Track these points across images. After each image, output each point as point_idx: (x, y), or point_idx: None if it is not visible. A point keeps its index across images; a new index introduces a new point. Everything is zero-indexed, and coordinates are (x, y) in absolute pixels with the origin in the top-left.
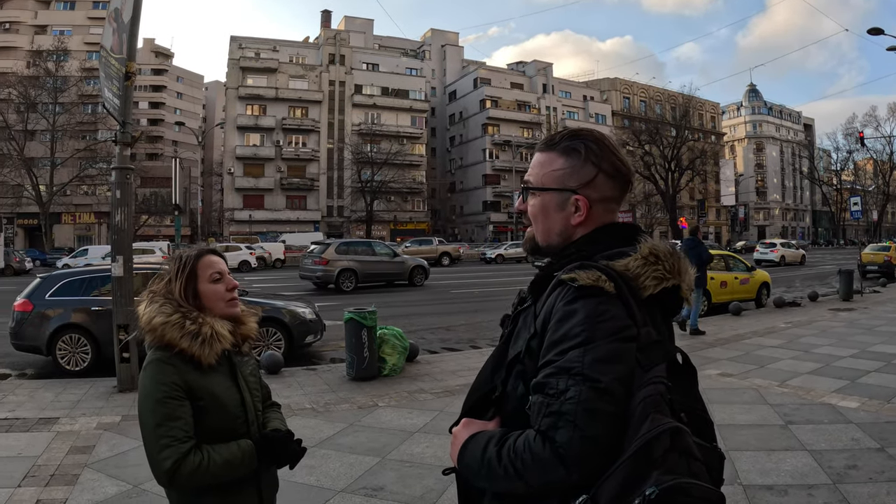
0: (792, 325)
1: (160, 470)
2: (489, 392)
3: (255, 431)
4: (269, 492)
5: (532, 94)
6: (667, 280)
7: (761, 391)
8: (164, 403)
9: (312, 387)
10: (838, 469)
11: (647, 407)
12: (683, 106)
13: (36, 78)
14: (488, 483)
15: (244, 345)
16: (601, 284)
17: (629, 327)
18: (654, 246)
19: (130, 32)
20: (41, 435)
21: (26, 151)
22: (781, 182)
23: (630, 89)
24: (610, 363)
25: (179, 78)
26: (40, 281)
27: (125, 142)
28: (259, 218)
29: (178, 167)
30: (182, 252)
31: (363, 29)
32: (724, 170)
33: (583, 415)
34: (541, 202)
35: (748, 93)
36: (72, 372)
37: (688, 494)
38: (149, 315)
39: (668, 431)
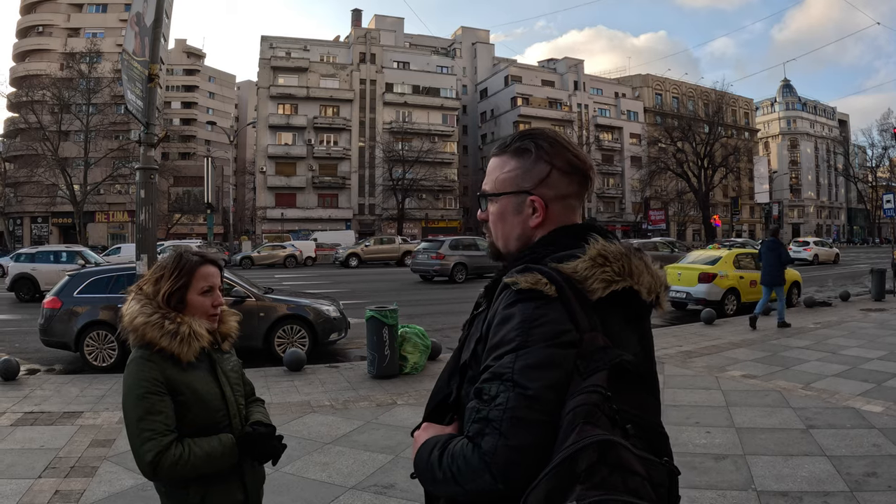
0: (821, 325)
1: (143, 462)
2: (446, 397)
3: (238, 425)
4: (253, 484)
5: (563, 91)
6: (616, 283)
7: (784, 394)
8: (146, 398)
9: (333, 384)
10: (857, 476)
11: (577, 417)
12: (716, 102)
13: (69, 80)
14: (433, 487)
15: (224, 343)
16: (540, 287)
17: (567, 332)
18: (604, 247)
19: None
20: (64, 428)
21: (60, 151)
22: (816, 179)
23: (662, 85)
24: (541, 369)
25: (211, 78)
26: (69, 279)
27: (149, 142)
28: (291, 216)
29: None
30: (185, 254)
31: (393, 27)
32: (758, 167)
33: (508, 422)
34: (498, 208)
35: (782, 88)
36: (99, 368)
37: None
38: (131, 315)
39: (595, 444)
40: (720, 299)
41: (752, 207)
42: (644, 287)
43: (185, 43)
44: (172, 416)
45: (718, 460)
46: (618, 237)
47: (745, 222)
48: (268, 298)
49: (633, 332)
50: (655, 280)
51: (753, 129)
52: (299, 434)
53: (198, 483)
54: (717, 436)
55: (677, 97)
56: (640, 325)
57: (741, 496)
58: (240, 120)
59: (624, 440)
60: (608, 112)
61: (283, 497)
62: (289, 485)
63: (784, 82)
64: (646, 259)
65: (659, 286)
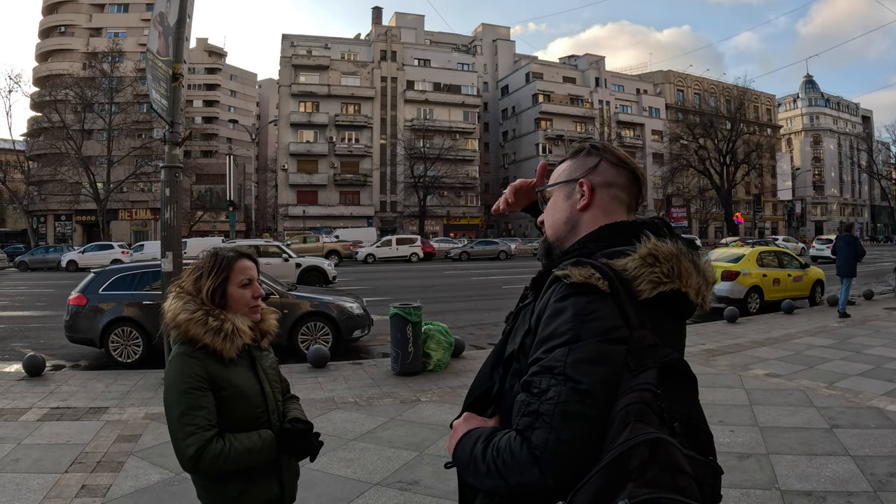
0: (844, 324)
1: (184, 456)
2: (488, 389)
3: (276, 421)
4: (289, 479)
5: (584, 88)
6: (664, 284)
7: (808, 393)
8: (189, 394)
9: (357, 381)
10: (880, 476)
11: (629, 415)
12: (738, 98)
13: (92, 79)
14: (475, 479)
15: (263, 340)
16: (593, 282)
17: (619, 328)
18: (655, 246)
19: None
20: (90, 423)
21: (84, 150)
22: (839, 176)
23: (684, 82)
24: (594, 364)
25: (233, 76)
26: (94, 276)
27: (174, 141)
28: (313, 213)
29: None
30: (220, 251)
31: (414, 25)
32: (781, 163)
33: (560, 416)
34: (552, 200)
35: (804, 84)
36: (123, 364)
37: None
38: (174, 311)
39: (647, 443)
40: (743, 297)
41: (774, 205)
42: (692, 289)
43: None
44: (214, 412)
45: (742, 459)
46: (676, 234)
47: (768, 219)
48: (291, 295)
49: (678, 332)
50: (705, 281)
51: (776, 126)
52: (324, 430)
53: (237, 478)
54: (740, 435)
55: (699, 93)
56: (683, 324)
57: (765, 495)
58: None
59: (672, 439)
60: (630, 109)
61: (309, 493)
62: (314, 480)
63: (806, 78)
64: (696, 259)
65: (707, 287)
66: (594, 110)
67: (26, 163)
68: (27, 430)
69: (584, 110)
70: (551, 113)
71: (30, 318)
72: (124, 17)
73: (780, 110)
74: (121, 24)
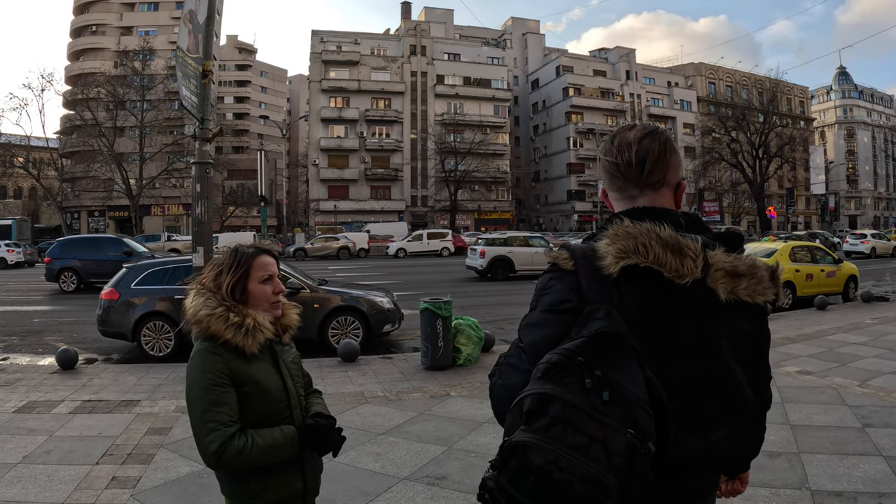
0: (878, 321)
1: (207, 452)
2: None
3: (298, 416)
4: (312, 473)
5: (615, 80)
6: (624, 258)
7: (840, 391)
8: (211, 390)
9: (387, 375)
10: None
11: (537, 372)
12: (771, 90)
13: (123, 77)
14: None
15: (285, 335)
16: (559, 262)
17: (566, 301)
18: (627, 226)
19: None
20: (122, 416)
21: (116, 147)
22: (873, 169)
23: (715, 74)
24: (535, 328)
25: (263, 73)
26: (126, 271)
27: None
28: (344, 208)
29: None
30: (240, 247)
31: (443, 19)
32: (814, 157)
33: (504, 366)
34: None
35: (837, 76)
36: (155, 357)
37: (540, 455)
38: (195, 308)
39: (534, 396)
40: None
41: (807, 199)
42: (668, 269)
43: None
44: (236, 408)
45: (772, 458)
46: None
47: (801, 214)
48: (322, 290)
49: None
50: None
51: (809, 118)
52: (353, 424)
53: (259, 473)
54: (771, 433)
55: (731, 86)
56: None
57: (795, 495)
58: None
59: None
60: (661, 102)
61: (337, 486)
62: (342, 474)
63: (840, 70)
64: (677, 241)
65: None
66: (625, 104)
67: (60, 160)
68: (59, 423)
69: (615, 104)
70: (582, 106)
71: (63, 313)
72: (154, 16)
73: (812, 102)
74: (151, 23)
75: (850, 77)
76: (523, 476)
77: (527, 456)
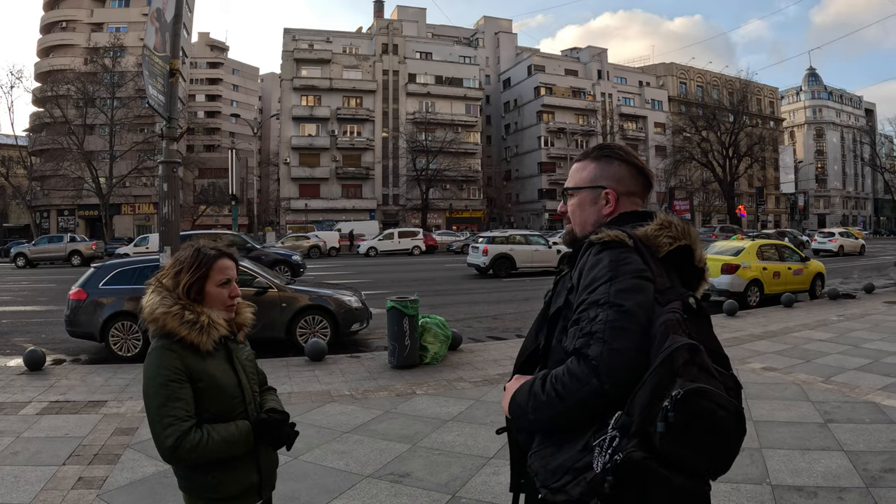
0: (844, 318)
1: (163, 447)
2: (535, 350)
3: (253, 411)
4: (268, 468)
5: (587, 80)
6: (679, 240)
7: (804, 387)
8: (167, 386)
9: (354, 374)
10: (874, 472)
11: (668, 329)
12: (741, 91)
13: (94, 74)
14: (535, 415)
15: (239, 333)
16: (622, 238)
17: (646, 270)
18: (668, 217)
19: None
20: (89, 417)
21: (86, 145)
22: (842, 169)
23: (686, 74)
24: (631, 292)
25: (235, 70)
26: (94, 270)
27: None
28: (315, 207)
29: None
30: (203, 248)
31: (416, 18)
32: (784, 156)
33: (610, 331)
34: (578, 200)
35: (807, 77)
36: (123, 357)
37: (708, 398)
38: (152, 306)
39: (686, 346)
40: (743, 290)
41: (777, 197)
42: (698, 251)
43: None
44: (192, 403)
45: None
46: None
47: (771, 212)
48: (290, 289)
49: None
50: (703, 252)
51: (779, 119)
52: (318, 423)
53: (215, 467)
54: None
55: (702, 86)
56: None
57: (755, 490)
58: (263, 112)
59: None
60: (632, 101)
61: (301, 484)
62: (307, 472)
63: (809, 71)
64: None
65: (704, 256)
66: (596, 103)
67: (29, 158)
68: (26, 424)
69: (587, 103)
70: (553, 106)
71: (32, 314)
72: (125, 12)
73: (783, 103)
74: (122, 19)
75: (820, 78)
76: (693, 423)
77: (698, 402)
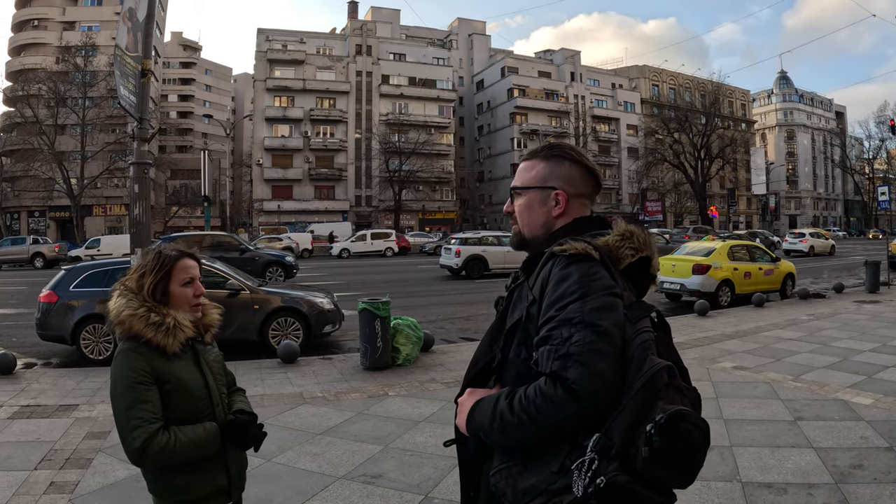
0: (814, 317)
1: (130, 449)
2: (489, 362)
3: (221, 413)
4: (236, 470)
5: (560, 82)
6: (641, 251)
7: (774, 385)
8: (134, 388)
9: (326, 375)
10: (842, 468)
11: (645, 350)
12: (713, 93)
13: (65, 73)
14: (501, 436)
15: (207, 334)
16: (589, 252)
17: (615, 286)
18: (628, 226)
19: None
20: (60, 421)
21: (57, 146)
22: (813, 171)
23: (659, 76)
24: (605, 311)
25: (208, 71)
26: (65, 273)
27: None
28: (288, 208)
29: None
30: (163, 249)
31: (390, 19)
32: (755, 158)
33: (589, 354)
34: (526, 200)
35: (779, 80)
36: (95, 361)
37: (687, 420)
38: (117, 309)
39: (665, 368)
40: (714, 291)
41: (748, 199)
42: (655, 260)
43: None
44: (159, 405)
45: None
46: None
47: (743, 213)
48: (262, 291)
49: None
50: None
51: (750, 121)
52: (291, 425)
53: (183, 469)
54: None
55: (674, 88)
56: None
57: (726, 487)
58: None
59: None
60: (605, 103)
61: (274, 486)
62: (280, 474)
63: (780, 74)
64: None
65: (658, 263)
66: (569, 105)
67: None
68: None
69: (560, 105)
70: (526, 108)
71: (2, 317)
72: (98, 11)
73: (754, 105)
74: (94, 18)
75: (791, 81)
76: (674, 445)
77: (679, 424)
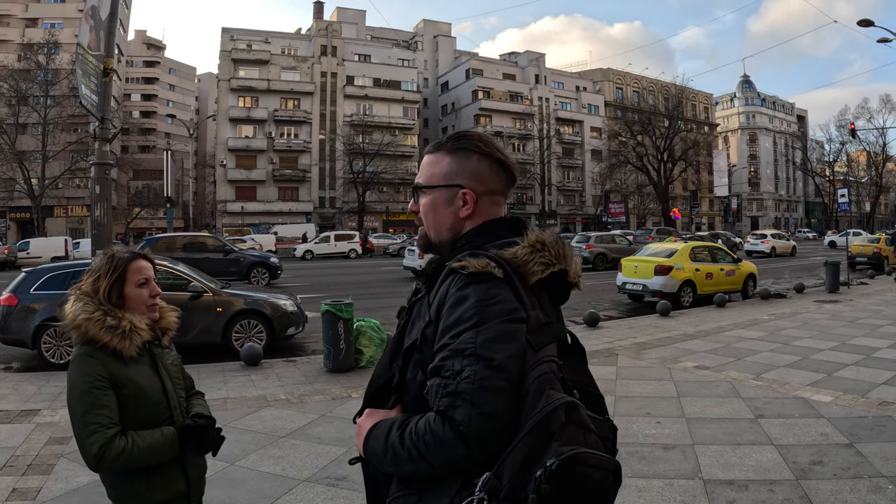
0: (775, 317)
1: (88, 454)
2: (388, 381)
3: (179, 417)
4: (195, 474)
5: (524, 84)
6: (553, 265)
7: (735, 384)
8: (90, 393)
9: (289, 378)
10: (803, 465)
11: (542, 384)
12: (676, 96)
13: (27, 71)
14: (394, 468)
15: (164, 337)
16: (490, 270)
17: (518, 310)
18: (540, 235)
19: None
20: (21, 426)
21: (17, 145)
22: (774, 173)
23: (623, 79)
24: (501, 342)
25: (171, 70)
26: (25, 275)
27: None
28: (251, 210)
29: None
30: (116, 252)
31: (355, 20)
32: (717, 160)
33: (479, 392)
34: (431, 200)
35: (741, 83)
36: (56, 365)
37: (585, 463)
38: (73, 313)
39: (563, 405)
40: (676, 291)
41: (711, 200)
42: (573, 270)
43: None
44: (116, 410)
45: (667, 450)
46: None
47: (705, 215)
48: (225, 293)
49: (557, 310)
50: (578, 264)
51: (713, 124)
52: (255, 428)
53: (141, 474)
54: (666, 426)
55: (638, 91)
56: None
57: (688, 485)
58: (200, 113)
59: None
60: (569, 105)
61: (237, 490)
62: (243, 478)
63: (743, 78)
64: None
65: (580, 269)
66: (533, 107)
67: None
68: None
69: (524, 107)
70: (491, 109)
71: None
72: (61, 8)
73: (717, 109)
74: (57, 15)
75: (754, 85)
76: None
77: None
